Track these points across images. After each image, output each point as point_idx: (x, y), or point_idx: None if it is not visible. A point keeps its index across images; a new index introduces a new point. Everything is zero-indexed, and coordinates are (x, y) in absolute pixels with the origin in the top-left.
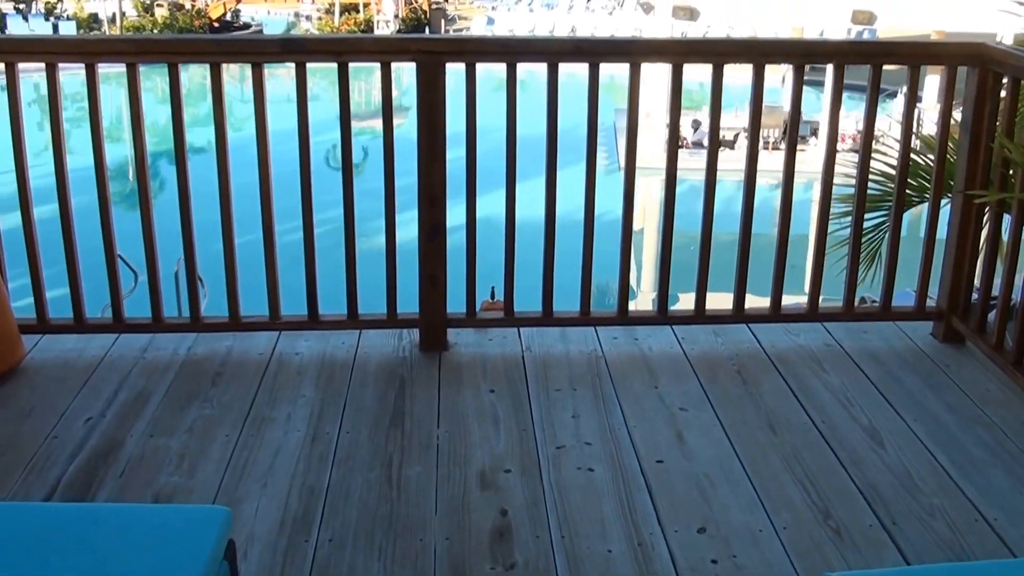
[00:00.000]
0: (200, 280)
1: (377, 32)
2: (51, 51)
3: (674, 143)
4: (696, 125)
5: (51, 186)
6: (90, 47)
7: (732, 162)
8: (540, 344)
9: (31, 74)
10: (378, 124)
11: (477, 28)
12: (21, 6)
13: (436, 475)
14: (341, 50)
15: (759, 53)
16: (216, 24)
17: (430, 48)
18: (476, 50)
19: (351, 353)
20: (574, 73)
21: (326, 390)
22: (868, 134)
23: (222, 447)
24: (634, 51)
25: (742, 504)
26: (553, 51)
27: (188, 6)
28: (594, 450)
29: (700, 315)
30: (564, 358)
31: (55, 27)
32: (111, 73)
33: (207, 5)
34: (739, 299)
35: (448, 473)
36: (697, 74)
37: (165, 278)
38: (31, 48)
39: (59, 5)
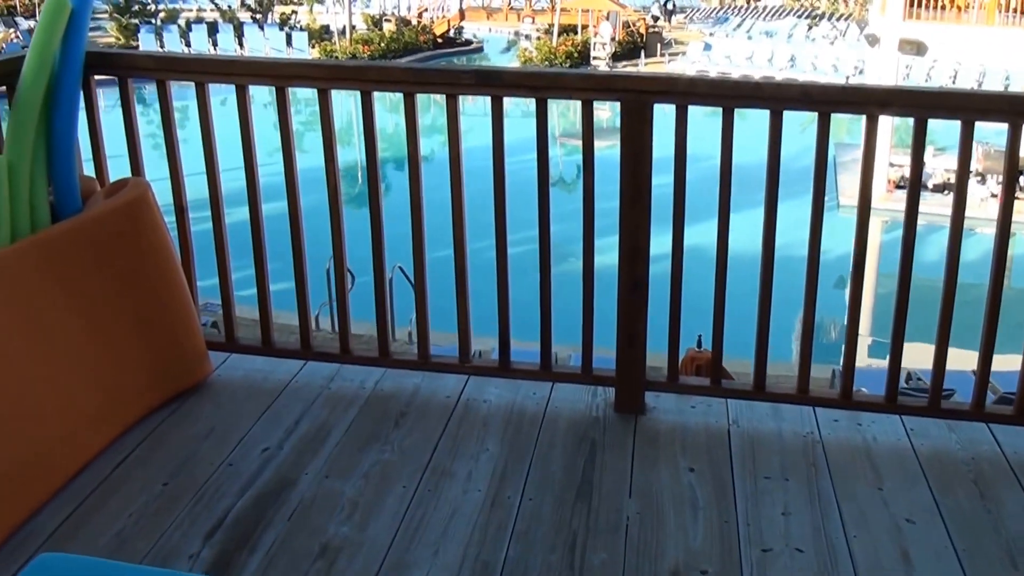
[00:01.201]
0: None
1: (593, 54)
2: (241, 73)
3: (913, 202)
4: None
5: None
6: (283, 70)
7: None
8: (749, 417)
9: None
10: (575, 141)
11: (693, 54)
12: (257, 16)
13: (623, 566)
14: (540, 85)
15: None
16: (440, 40)
17: (637, 87)
18: (687, 91)
19: (541, 406)
20: None
21: (511, 446)
22: None
23: (397, 500)
24: (871, 101)
25: None
26: (777, 97)
27: (414, 22)
28: (806, 560)
29: (935, 407)
30: (776, 438)
31: (288, 37)
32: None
33: (432, 21)
34: (980, 394)
35: (637, 565)
36: None
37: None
38: (224, 70)
39: (293, 16)
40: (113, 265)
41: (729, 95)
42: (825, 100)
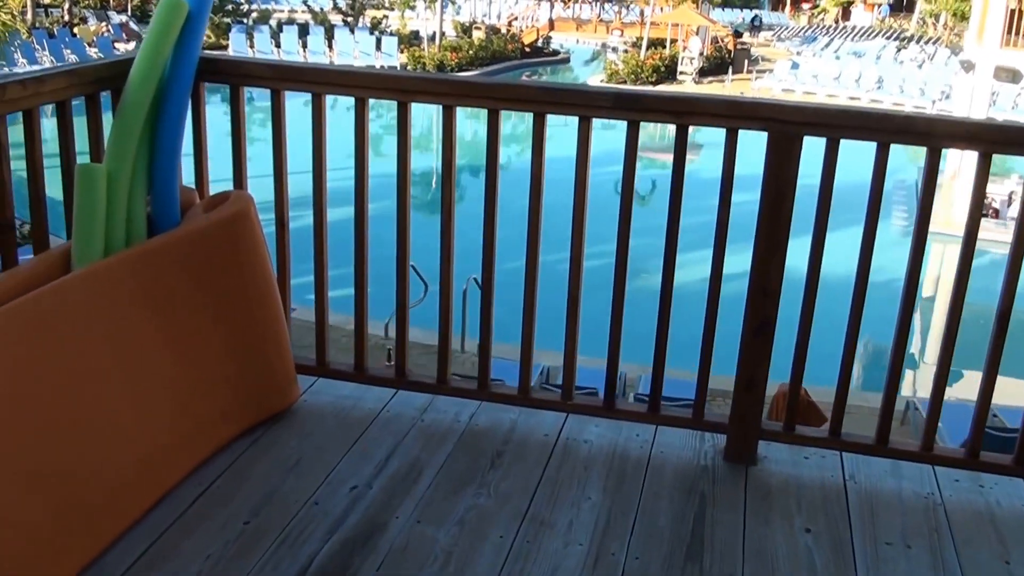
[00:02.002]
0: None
1: (680, 68)
2: (361, 85)
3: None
4: (1010, 199)
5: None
6: (408, 84)
7: None
8: (867, 473)
9: None
10: (667, 158)
11: (781, 72)
12: (349, 19)
13: None
14: (682, 110)
15: None
16: (528, 49)
17: (786, 117)
18: (842, 124)
19: (645, 450)
20: None
21: (615, 495)
22: None
23: (494, 551)
24: None
25: None
26: (942, 134)
27: (503, 30)
28: None
29: None
30: (895, 499)
31: (378, 41)
32: None
33: (521, 30)
34: None
35: None
36: None
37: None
38: (344, 81)
39: (384, 21)
40: (208, 283)
41: (889, 130)
42: (990, 140)
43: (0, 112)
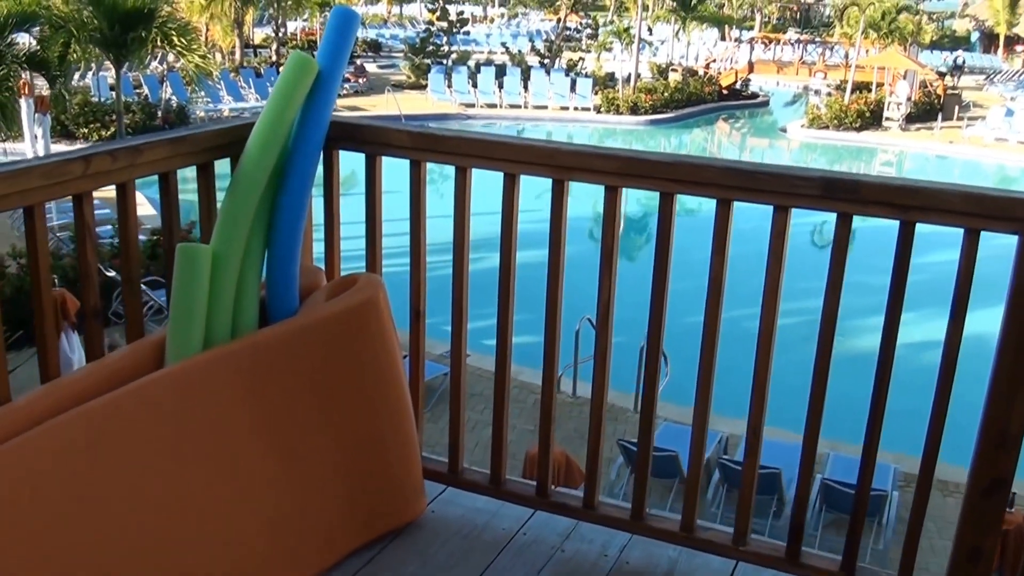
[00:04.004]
0: (664, 356)
1: (886, 114)
2: (512, 159)
3: None
4: None
5: None
6: (564, 160)
7: None
8: None
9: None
10: None
11: (994, 120)
12: (545, 61)
13: None
14: (909, 203)
15: None
16: (725, 91)
17: None
18: None
19: None
20: None
21: None
22: None
23: None
24: None
25: None
26: None
27: (701, 72)
28: None
29: None
30: None
31: (573, 83)
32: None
33: (719, 72)
34: None
35: None
36: None
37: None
38: (492, 153)
39: (580, 63)
40: (325, 381)
41: None
42: None
43: (84, 189)
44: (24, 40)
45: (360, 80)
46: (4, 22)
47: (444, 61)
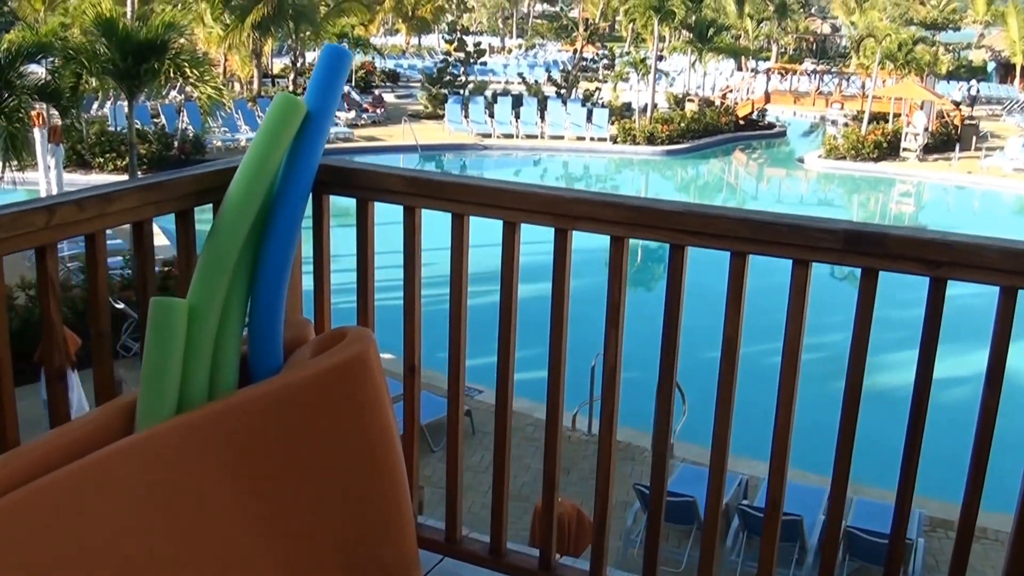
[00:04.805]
0: (681, 393)
1: (904, 144)
2: (512, 207)
3: None
4: None
5: None
6: (566, 208)
7: None
8: None
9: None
10: None
11: (1012, 150)
12: (562, 91)
13: None
14: (940, 258)
15: None
16: (742, 122)
17: None
18: None
19: None
20: None
21: None
22: None
23: None
24: None
25: None
26: None
27: (717, 102)
28: None
29: None
30: None
31: (589, 113)
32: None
33: (736, 103)
34: None
35: None
36: None
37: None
38: (491, 200)
39: (596, 93)
40: (309, 445)
41: None
42: None
43: (48, 241)
44: (40, 70)
45: (378, 110)
46: (16, 53)
47: (461, 91)
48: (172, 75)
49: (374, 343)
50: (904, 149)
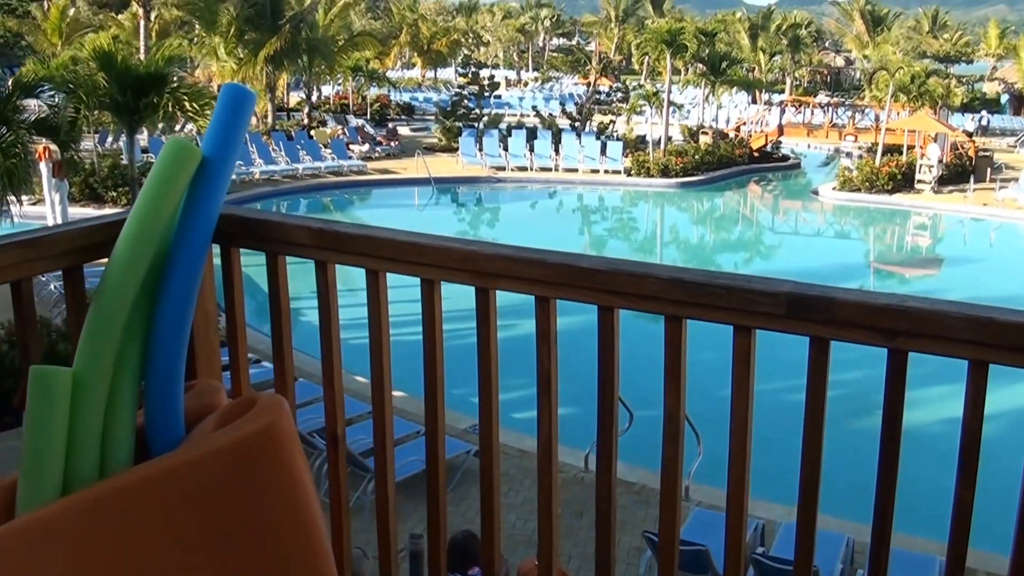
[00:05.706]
0: (696, 435)
1: (918, 176)
2: (434, 263)
3: None
4: None
5: None
6: (490, 265)
7: None
8: None
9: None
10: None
11: None
12: (576, 124)
13: None
14: (900, 328)
15: None
16: (756, 154)
17: None
18: None
19: None
20: None
21: None
22: None
23: None
24: None
25: None
26: None
27: (731, 135)
28: None
29: None
30: None
31: (603, 146)
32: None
33: (750, 135)
34: None
35: None
36: None
37: None
38: (407, 256)
39: (611, 126)
40: (213, 530)
41: None
42: None
43: None
44: (39, 104)
45: (392, 143)
46: (13, 86)
47: (475, 124)
48: (171, 109)
49: (286, 412)
50: (919, 181)
